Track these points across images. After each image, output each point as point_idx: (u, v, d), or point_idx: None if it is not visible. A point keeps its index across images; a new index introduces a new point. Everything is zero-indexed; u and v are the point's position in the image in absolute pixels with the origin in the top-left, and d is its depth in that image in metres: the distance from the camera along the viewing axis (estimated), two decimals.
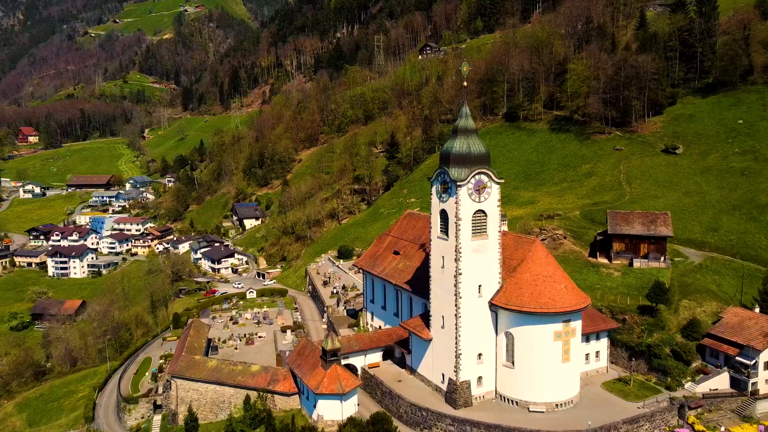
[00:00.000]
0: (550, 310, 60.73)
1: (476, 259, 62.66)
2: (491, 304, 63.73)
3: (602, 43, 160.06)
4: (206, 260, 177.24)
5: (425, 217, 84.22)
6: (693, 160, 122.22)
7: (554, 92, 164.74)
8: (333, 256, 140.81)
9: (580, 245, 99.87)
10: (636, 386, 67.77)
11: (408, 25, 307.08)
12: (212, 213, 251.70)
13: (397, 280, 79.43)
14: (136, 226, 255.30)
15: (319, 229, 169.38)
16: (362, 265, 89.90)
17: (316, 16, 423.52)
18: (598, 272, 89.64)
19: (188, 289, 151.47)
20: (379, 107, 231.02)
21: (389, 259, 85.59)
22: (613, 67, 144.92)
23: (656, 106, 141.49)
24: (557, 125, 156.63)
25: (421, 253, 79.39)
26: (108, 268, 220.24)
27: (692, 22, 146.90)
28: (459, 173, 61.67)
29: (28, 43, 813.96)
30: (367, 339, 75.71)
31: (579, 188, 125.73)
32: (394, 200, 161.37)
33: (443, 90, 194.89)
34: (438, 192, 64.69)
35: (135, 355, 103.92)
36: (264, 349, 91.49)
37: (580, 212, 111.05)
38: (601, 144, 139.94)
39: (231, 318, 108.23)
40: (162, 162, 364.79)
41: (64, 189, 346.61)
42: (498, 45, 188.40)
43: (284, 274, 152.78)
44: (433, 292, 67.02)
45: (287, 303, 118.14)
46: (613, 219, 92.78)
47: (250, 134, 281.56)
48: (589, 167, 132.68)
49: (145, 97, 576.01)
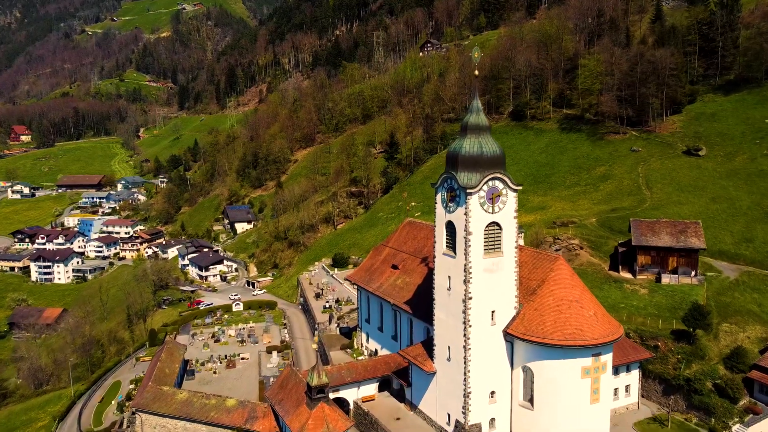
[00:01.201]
0: (577, 343, 50.88)
1: (489, 281, 52.80)
2: (506, 333, 53.88)
3: (615, 37, 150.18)
4: (193, 267, 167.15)
5: (427, 226, 74.44)
6: (718, 163, 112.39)
7: (564, 89, 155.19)
8: (327, 264, 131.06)
9: (598, 257, 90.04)
10: (674, 428, 57.97)
11: (408, 22, 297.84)
12: (204, 215, 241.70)
13: (396, 300, 69.56)
14: (126, 229, 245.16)
15: (313, 234, 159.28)
16: (356, 280, 80.00)
17: (314, 13, 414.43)
18: (622, 289, 79.83)
19: (172, 299, 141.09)
20: (379, 106, 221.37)
21: (387, 273, 75.71)
22: (628, 62, 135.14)
23: (674, 104, 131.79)
24: (567, 124, 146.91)
25: (423, 268, 69.59)
26: (94, 273, 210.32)
27: (713, 14, 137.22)
28: (469, 179, 51.80)
29: (24, 41, 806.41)
30: (361, 368, 65.84)
31: (594, 192, 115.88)
32: (393, 204, 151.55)
33: (445, 87, 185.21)
34: (444, 200, 54.80)
35: (104, 378, 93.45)
36: (246, 374, 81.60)
37: (596, 219, 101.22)
38: (616, 144, 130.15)
39: (213, 335, 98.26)
40: (155, 162, 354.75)
41: (54, 189, 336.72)
42: (504, 40, 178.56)
43: (275, 283, 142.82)
44: (437, 317, 57.16)
45: (276, 317, 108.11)
46: (637, 229, 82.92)
47: (245, 133, 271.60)
48: (604, 170, 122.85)
49: (142, 96, 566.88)
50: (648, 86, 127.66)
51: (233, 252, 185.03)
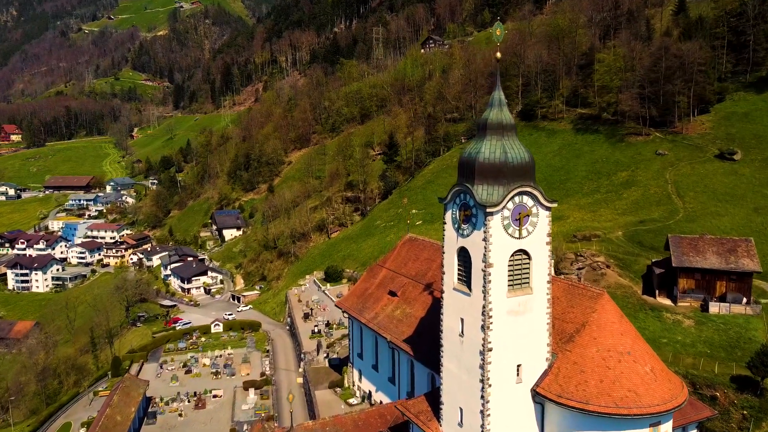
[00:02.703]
0: (632, 411, 38.56)
1: (514, 326, 40.41)
2: (536, 392, 41.50)
3: (636, 30, 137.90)
4: (175, 278, 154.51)
5: (432, 245, 62.19)
6: (756, 168, 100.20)
7: (578, 87, 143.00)
8: (319, 278, 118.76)
9: (628, 278, 77.84)
10: None
11: (409, 18, 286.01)
12: (194, 220, 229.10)
13: (394, 336, 57.29)
14: (111, 234, 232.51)
15: (305, 243, 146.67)
16: (348, 308, 67.64)
17: (313, 11, 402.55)
18: (661, 319, 67.64)
19: (148, 315, 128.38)
20: (378, 105, 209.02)
21: (383, 301, 63.45)
22: (651, 57, 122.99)
23: (702, 102, 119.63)
24: (583, 125, 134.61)
25: (427, 297, 57.41)
26: (74, 281, 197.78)
27: (744, 5, 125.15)
28: (489, 193, 39.51)
29: (20, 40, 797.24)
30: (350, 424, 53.43)
31: (617, 201, 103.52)
32: (393, 211, 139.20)
33: (449, 85, 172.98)
34: (455, 221, 42.37)
35: (54, 417, 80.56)
36: (217, 417, 69.15)
37: (623, 233, 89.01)
38: (638, 147, 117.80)
39: (185, 364, 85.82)
40: (146, 163, 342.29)
41: (42, 191, 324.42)
42: (512, 34, 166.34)
43: (263, 298, 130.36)
44: (446, 368, 44.69)
45: (259, 342, 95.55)
46: (678, 246, 70.68)
47: (238, 133, 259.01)
48: (627, 175, 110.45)
49: (137, 95, 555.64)
50: (674, 83, 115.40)
51: (220, 261, 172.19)
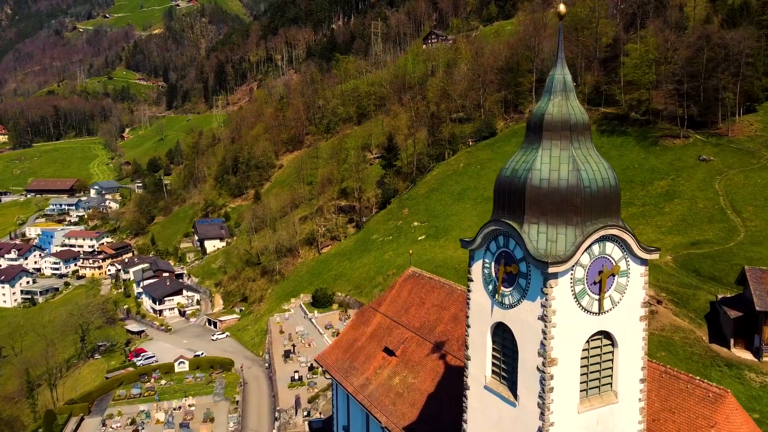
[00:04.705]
0: None
1: None
2: None
3: (668, 17, 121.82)
4: (147, 298, 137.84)
5: (441, 286, 45.76)
6: None
7: (600, 83, 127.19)
8: (306, 302, 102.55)
9: (688, 318, 61.61)
10: None
11: (410, 13, 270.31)
12: (178, 227, 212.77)
13: (390, 418, 40.93)
14: (89, 242, 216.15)
15: (291, 260, 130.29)
16: (329, 366, 51.27)
17: (310, 7, 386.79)
18: (743, 381, 51.44)
19: (109, 343, 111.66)
20: (376, 104, 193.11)
21: (377, 361, 47.06)
22: (689, 48, 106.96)
23: (748, 100, 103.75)
24: (608, 126, 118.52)
25: (437, 362, 41.25)
26: (45, 295, 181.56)
27: None
28: (551, 239, 22.88)
29: (14, 38, 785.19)
30: None
31: (658, 216, 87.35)
32: (392, 223, 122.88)
33: (454, 82, 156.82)
34: (489, 280, 25.55)
35: None
36: None
37: (672, 257, 72.83)
38: (676, 152, 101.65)
39: (133, 421, 69.53)
40: (135, 165, 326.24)
41: (23, 194, 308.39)
42: (525, 24, 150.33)
43: (242, 323, 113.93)
44: None
45: (229, 386, 79.16)
46: (760, 283, 54.47)
47: (227, 134, 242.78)
48: (667, 185, 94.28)
49: (130, 95, 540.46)
50: (719, 77, 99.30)
51: (199, 277, 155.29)
